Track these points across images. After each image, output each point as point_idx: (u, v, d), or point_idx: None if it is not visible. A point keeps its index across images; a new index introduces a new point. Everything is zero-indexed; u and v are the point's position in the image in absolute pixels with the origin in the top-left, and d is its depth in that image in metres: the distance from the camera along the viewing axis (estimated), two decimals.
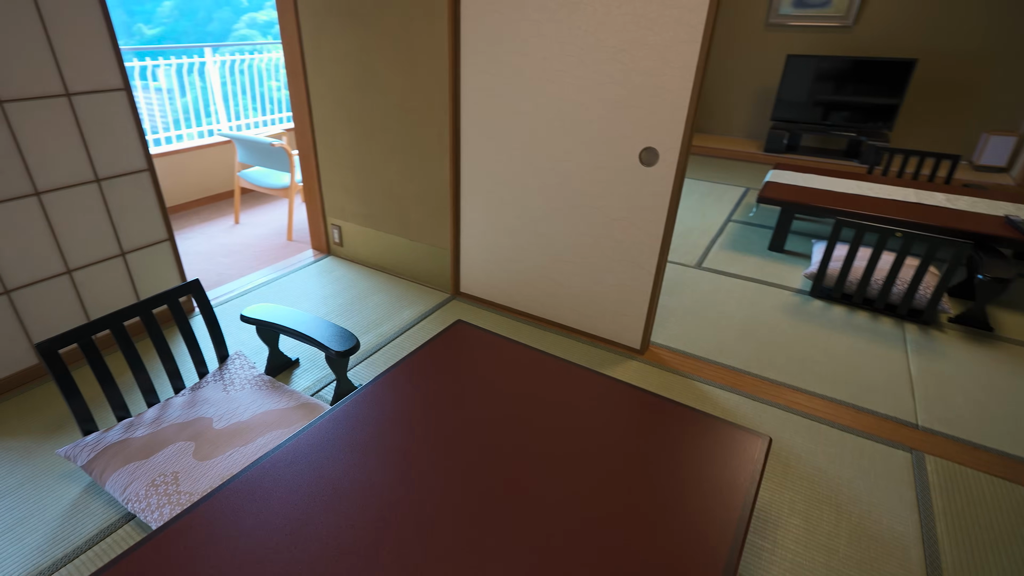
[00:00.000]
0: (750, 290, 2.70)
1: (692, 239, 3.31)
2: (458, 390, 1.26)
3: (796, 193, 3.01)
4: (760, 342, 2.27)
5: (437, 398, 1.23)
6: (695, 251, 3.14)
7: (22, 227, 1.69)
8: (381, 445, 1.08)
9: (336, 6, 2.22)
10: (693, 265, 2.96)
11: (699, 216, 3.70)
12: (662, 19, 1.65)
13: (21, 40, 1.57)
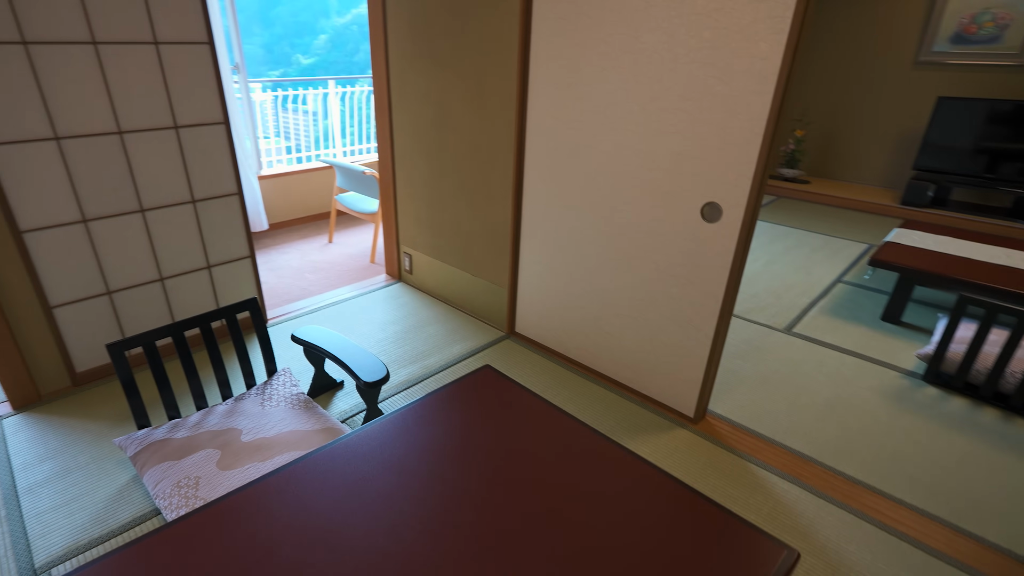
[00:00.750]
0: (847, 365, 2.38)
1: (788, 298, 3.01)
2: (463, 443, 1.23)
3: (919, 258, 2.63)
4: (844, 428, 1.98)
5: (437, 449, 1.21)
6: (787, 312, 2.85)
7: (127, 238, 1.99)
8: (364, 489, 1.09)
9: (420, 49, 2.39)
10: (781, 328, 2.68)
11: (803, 273, 3.36)
12: (731, 69, 1.55)
13: (145, 83, 1.88)
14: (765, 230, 4.13)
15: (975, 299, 2.09)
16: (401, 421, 1.29)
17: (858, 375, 2.32)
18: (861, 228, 4.25)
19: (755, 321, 2.75)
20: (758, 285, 3.17)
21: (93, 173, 1.85)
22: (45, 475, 1.64)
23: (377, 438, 1.23)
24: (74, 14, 1.69)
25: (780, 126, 1.54)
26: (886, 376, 2.31)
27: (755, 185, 1.61)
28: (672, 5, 1.61)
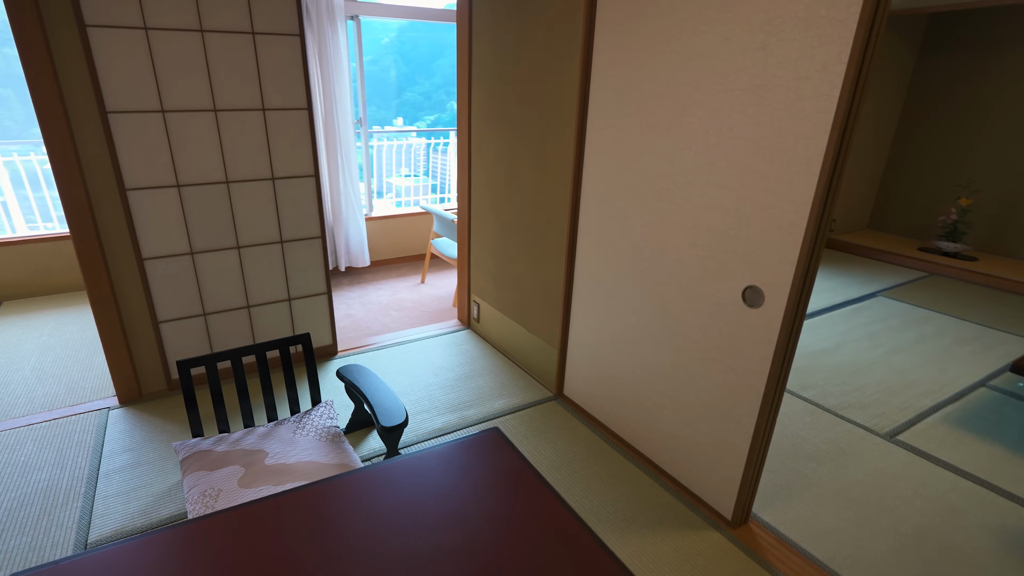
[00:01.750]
0: (960, 491, 1.99)
1: (904, 398, 2.60)
2: (435, 504, 1.26)
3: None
4: (929, 571, 1.65)
5: (407, 506, 1.25)
6: (897, 414, 2.46)
7: (223, 270, 2.38)
8: (324, 532, 1.17)
9: (495, 112, 2.57)
10: (882, 432, 2.33)
11: (935, 368, 2.89)
12: (774, 147, 1.47)
13: (251, 143, 2.28)
14: (899, 311, 3.63)
15: None
16: (388, 472, 1.37)
17: (973, 506, 1.92)
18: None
19: (849, 419, 2.42)
20: (868, 377, 2.78)
21: (202, 214, 2.27)
22: (122, 464, 1.99)
23: (356, 485, 1.32)
24: (203, 87, 2.13)
25: (829, 211, 1.42)
26: (1015, 515, 1.89)
27: (799, 272, 1.47)
28: (718, 80, 1.58)
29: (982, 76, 4.48)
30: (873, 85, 4.69)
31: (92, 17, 1.89)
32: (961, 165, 4.72)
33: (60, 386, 2.47)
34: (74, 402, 2.35)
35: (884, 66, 4.65)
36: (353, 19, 4.00)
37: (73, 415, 2.25)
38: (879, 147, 5.08)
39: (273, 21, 2.19)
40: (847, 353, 3.03)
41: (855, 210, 5.25)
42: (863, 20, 1.24)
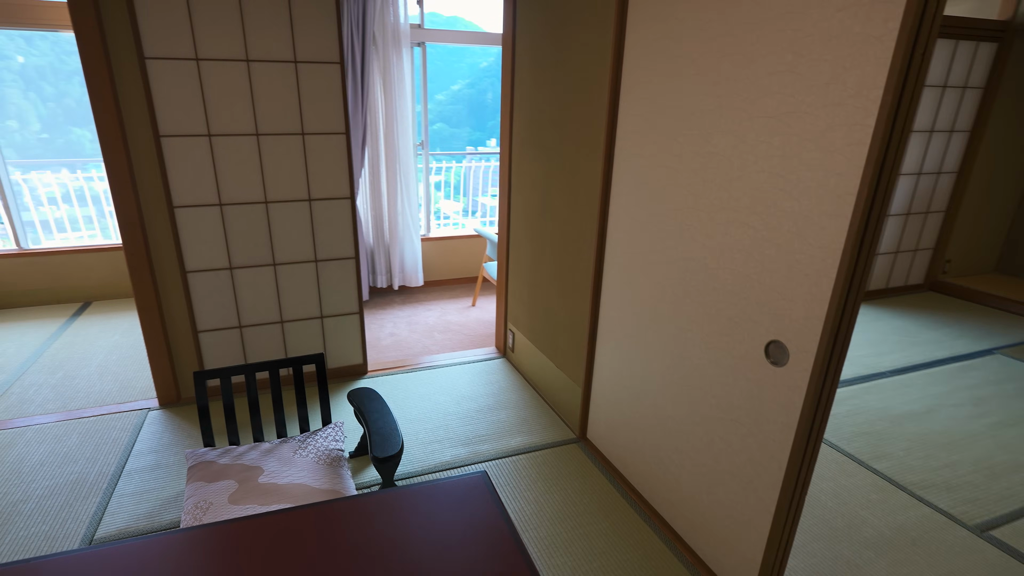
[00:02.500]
0: None
1: (1006, 483, 2.18)
2: (392, 559, 1.20)
3: None
4: None
5: (366, 545, 1.20)
6: (995, 503, 2.06)
7: (260, 286, 2.50)
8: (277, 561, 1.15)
9: (532, 137, 2.52)
10: (971, 524, 1.95)
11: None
12: (802, 182, 1.28)
13: (290, 165, 2.39)
14: (1019, 375, 3.08)
15: None
16: (360, 507, 1.32)
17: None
18: None
19: (928, 501, 2.05)
20: (964, 452, 2.36)
21: (241, 232, 2.40)
22: (145, 464, 2.12)
23: (326, 516, 1.29)
24: (246, 112, 2.27)
25: (866, 260, 1.21)
26: None
27: (828, 329, 1.26)
28: (744, 107, 1.42)
29: None
30: (1016, 108, 4.09)
31: (151, 50, 2.08)
32: None
33: (115, 384, 2.71)
34: (123, 400, 2.56)
35: (1017, 83, 4.05)
36: (420, 46, 4.16)
37: (118, 412, 2.45)
38: (1010, 176, 4.41)
39: (314, 50, 2.29)
40: (941, 420, 2.60)
41: (978, 250, 4.58)
42: (903, 37, 1.05)
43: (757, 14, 1.35)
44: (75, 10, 1.95)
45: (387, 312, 4.07)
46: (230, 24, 2.15)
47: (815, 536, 1.89)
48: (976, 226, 4.46)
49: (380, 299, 4.33)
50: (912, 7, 1.03)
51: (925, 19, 1.04)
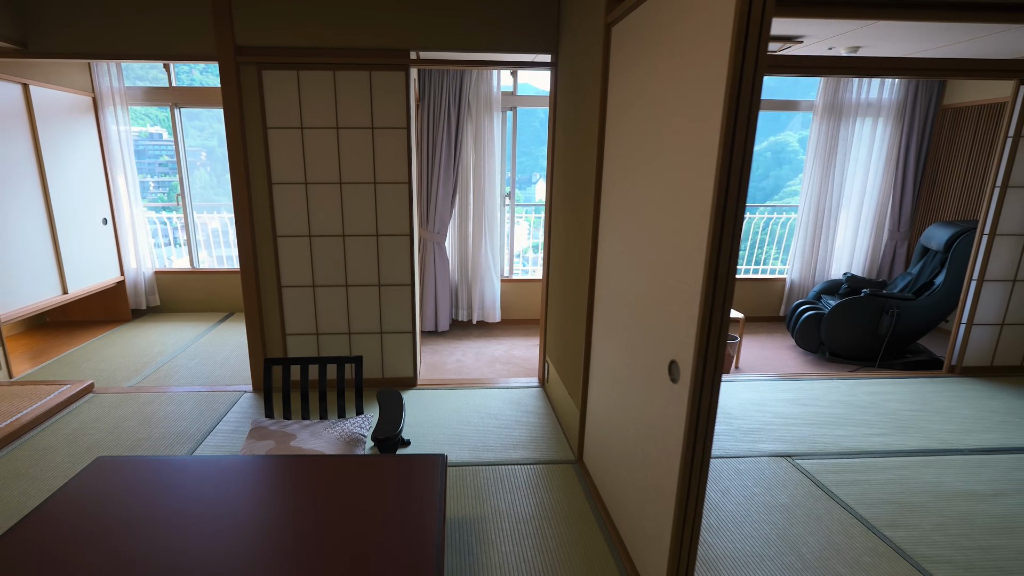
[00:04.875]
0: None
1: None
2: (317, 510, 1.61)
3: None
4: None
5: (297, 500, 1.62)
6: None
7: (334, 302, 3.18)
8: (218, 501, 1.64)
9: (561, 188, 2.92)
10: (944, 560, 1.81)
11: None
12: (682, 221, 1.53)
13: (363, 206, 3.07)
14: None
15: None
16: (339, 463, 1.77)
17: None
18: None
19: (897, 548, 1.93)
20: (1018, 539, 2.13)
21: (324, 258, 3.11)
22: (228, 428, 2.81)
23: (310, 466, 1.77)
24: (333, 166, 3.01)
25: (724, 291, 1.41)
26: None
27: (699, 348, 1.46)
28: (656, 157, 1.70)
29: None
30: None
31: (272, 122, 2.92)
32: None
33: (229, 371, 3.56)
34: (230, 383, 3.37)
35: None
36: (512, 110, 4.82)
37: (223, 391, 3.24)
38: None
39: (387, 119, 2.98)
40: (1005, 505, 2.34)
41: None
42: (725, 121, 1.31)
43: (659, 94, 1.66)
44: (226, 94, 2.85)
45: (460, 342, 4.60)
46: (327, 102, 2.93)
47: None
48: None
49: (458, 331, 4.89)
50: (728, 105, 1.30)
51: (748, 63, 1.29)
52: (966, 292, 3.63)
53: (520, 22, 2.96)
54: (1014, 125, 3.33)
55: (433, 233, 4.56)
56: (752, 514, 2.25)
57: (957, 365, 3.74)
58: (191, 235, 5.07)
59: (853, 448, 2.77)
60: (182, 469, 1.71)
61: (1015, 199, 3.46)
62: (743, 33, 1.24)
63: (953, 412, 3.17)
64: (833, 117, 4.73)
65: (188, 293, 4.98)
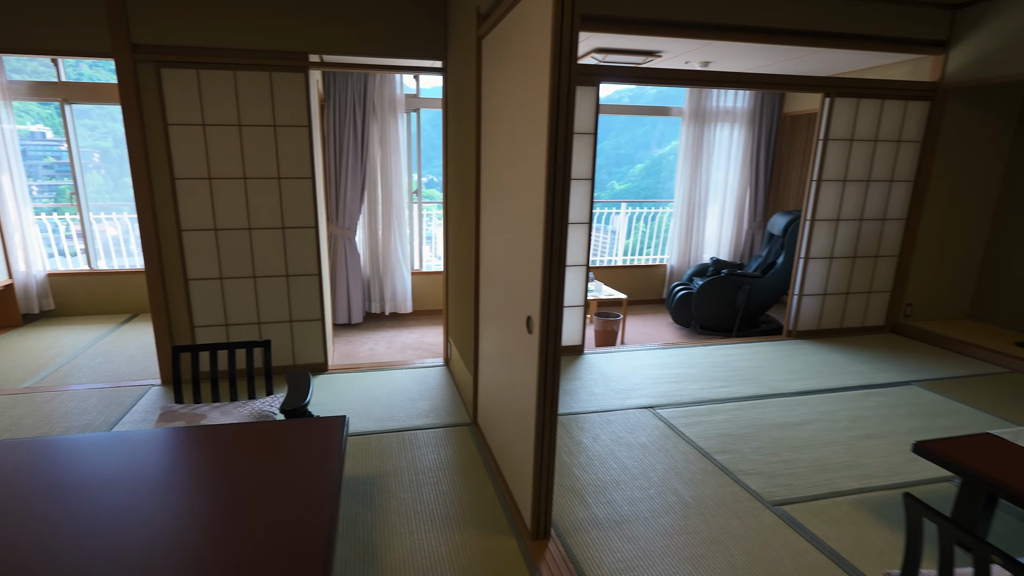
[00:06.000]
0: (810, 563, 1.94)
1: (832, 476, 2.49)
2: (217, 478, 1.79)
3: (1007, 463, 1.95)
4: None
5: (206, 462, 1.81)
6: (803, 489, 2.38)
7: (241, 294, 3.30)
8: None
9: (454, 181, 3.23)
10: (769, 500, 2.30)
11: (903, 456, 2.67)
12: (531, 204, 1.89)
13: (268, 200, 3.22)
14: (923, 402, 3.30)
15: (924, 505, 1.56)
16: (245, 429, 1.95)
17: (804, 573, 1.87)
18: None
19: (743, 484, 2.41)
20: (810, 454, 2.68)
21: (231, 251, 3.23)
22: (136, 419, 2.87)
23: (214, 434, 1.94)
24: (236, 161, 3.14)
25: (558, 254, 1.77)
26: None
27: (543, 303, 1.81)
28: (512, 154, 2.05)
29: None
30: (956, 159, 4.38)
31: (173, 118, 3.01)
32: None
33: (135, 368, 3.57)
34: (137, 378, 3.39)
35: (968, 139, 4.34)
36: (416, 112, 5.07)
37: (129, 386, 3.27)
38: (974, 229, 4.60)
39: (289, 117, 3.16)
40: (807, 431, 2.91)
41: (945, 297, 4.72)
42: (551, 133, 1.66)
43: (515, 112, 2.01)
44: (123, 91, 2.91)
45: (373, 333, 4.79)
46: (228, 100, 3.06)
47: (631, 499, 2.31)
48: (938, 273, 4.64)
49: (372, 322, 5.08)
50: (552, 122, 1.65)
51: (560, 105, 1.65)
52: (796, 269, 4.32)
53: (414, 31, 3.23)
54: (823, 130, 4.03)
55: (343, 229, 4.72)
56: (616, 452, 2.67)
57: (793, 330, 4.44)
58: (88, 238, 4.89)
59: (702, 398, 3.29)
60: (83, 446, 1.73)
61: (827, 191, 4.17)
62: (558, 51, 1.60)
63: (784, 366, 3.81)
64: (698, 122, 5.37)
65: (86, 296, 4.82)
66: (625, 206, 6.27)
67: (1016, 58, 3.58)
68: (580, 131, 3.66)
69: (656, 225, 6.28)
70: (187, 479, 1.56)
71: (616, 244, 6.35)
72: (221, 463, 1.66)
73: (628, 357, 3.98)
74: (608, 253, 6.41)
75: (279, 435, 1.85)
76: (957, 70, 3.95)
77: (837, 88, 3.94)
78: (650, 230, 6.29)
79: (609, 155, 26.74)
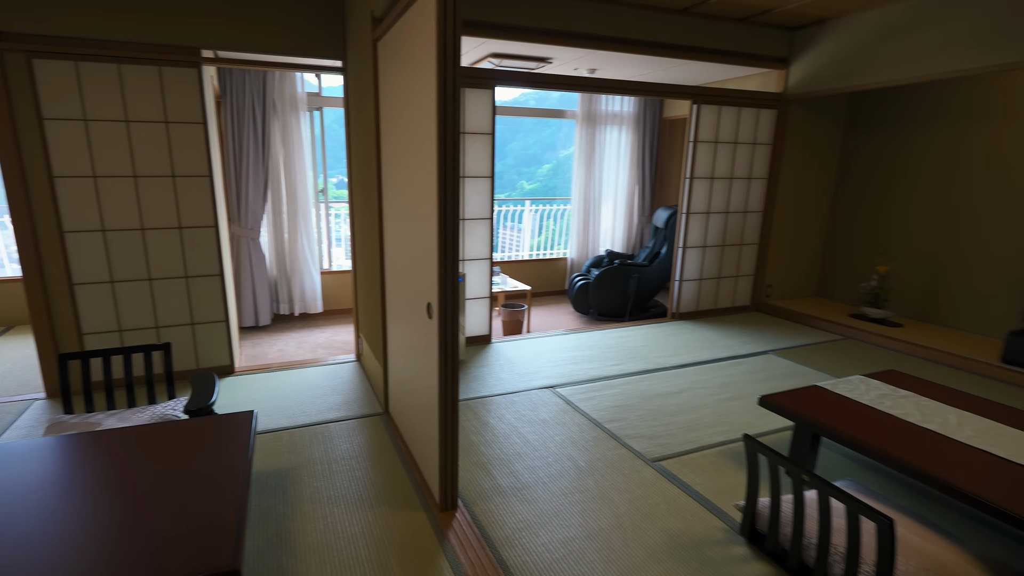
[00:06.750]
0: (680, 505, 2.19)
1: (701, 433, 2.80)
2: (113, 482, 1.72)
3: (823, 407, 2.31)
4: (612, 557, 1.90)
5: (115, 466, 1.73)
6: (678, 446, 2.67)
7: (136, 297, 3.11)
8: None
9: (357, 178, 3.24)
10: (650, 458, 2.56)
11: (763, 415, 3.05)
12: (430, 203, 1.98)
13: (162, 199, 3.06)
14: (778, 367, 3.76)
15: (758, 443, 1.86)
16: (154, 430, 1.87)
17: (689, 523, 2.12)
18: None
19: (630, 446, 2.66)
20: (684, 416, 2.99)
21: (123, 253, 3.03)
22: (17, 435, 2.64)
23: (117, 437, 1.84)
24: (126, 159, 2.96)
25: (451, 246, 1.88)
26: (710, 524, 2.07)
27: (440, 289, 1.91)
28: (408, 150, 2.13)
29: (903, 150, 4.68)
30: (800, 159, 4.98)
31: (49, 112, 2.78)
32: (888, 235, 4.83)
33: (15, 383, 3.24)
34: (18, 394, 3.09)
35: (808, 142, 4.96)
36: (319, 110, 4.95)
37: (9, 402, 2.98)
38: (816, 219, 5.27)
39: (182, 113, 3.01)
40: (683, 398, 3.24)
41: (798, 277, 5.37)
42: (439, 132, 1.77)
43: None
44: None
45: (283, 334, 4.65)
46: (113, 94, 2.87)
47: (531, 467, 2.47)
48: (790, 257, 5.27)
49: (281, 324, 4.92)
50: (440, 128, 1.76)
51: (447, 102, 1.76)
52: (676, 257, 4.75)
53: (313, 30, 3.19)
54: (692, 133, 4.45)
55: (247, 229, 4.53)
56: (519, 429, 2.84)
57: (676, 312, 4.87)
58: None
59: (597, 376, 3.55)
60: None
61: (698, 187, 4.62)
62: (443, 54, 1.71)
63: (667, 344, 4.18)
64: (590, 125, 5.70)
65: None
66: (529, 203, 6.50)
67: (839, 74, 4.17)
68: (478, 131, 3.79)
69: (561, 221, 6.58)
70: (83, 484, 1.48)
71: (522, 240, 6.57)
72: (122, 465, 1.59)
73: (532, 344, 4.18)
74: (515, 249, 6.62)
75: (184, 434, 1.82)
76: (796, 83, 4.52)
77: (702, 96, 4.37)
78: (557, 227, 6.57)
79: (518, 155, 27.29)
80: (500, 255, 6.39)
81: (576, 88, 4.00)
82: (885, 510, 1.81)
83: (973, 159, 4.21)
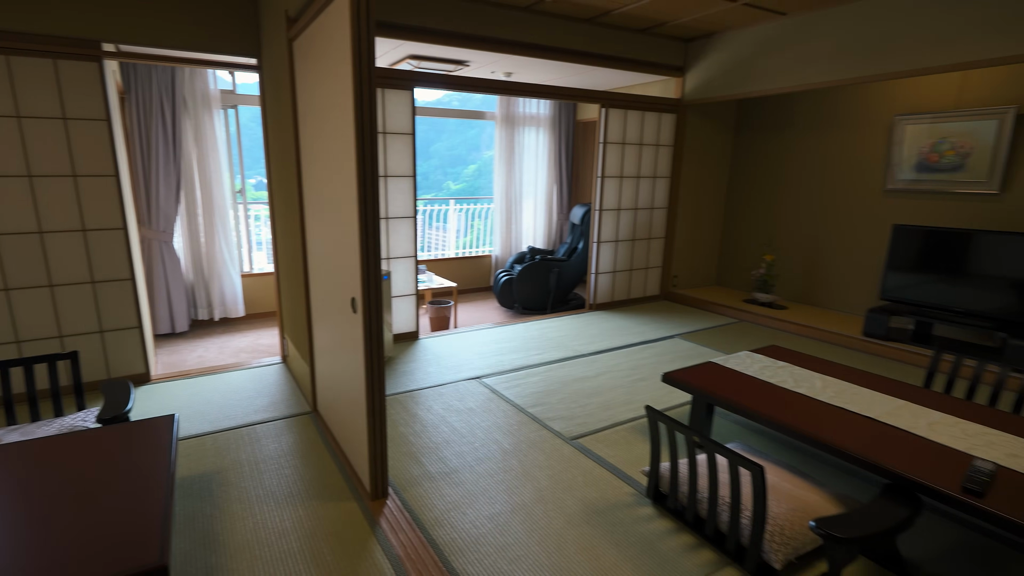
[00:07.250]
0: (595, 476, 2.35)
1: (615, 412, 3.00)
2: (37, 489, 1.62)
3: (716, 380, 2.55)
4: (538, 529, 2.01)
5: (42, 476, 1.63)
6: (593, 425, 2.85)
7: (35, 305, 2.87)
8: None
9: (277, 176, 3.17)
10: (569, 437, 2.72)
11: (672, 393, 3.30)
12: (350, 205, 2.01)
13: (62, 200, 2.85)
14: (682, 349, 4.07)
15: (658, 412, 2.06)
16: (74, 439, 1.74)
17: (601, 491, 2.28)
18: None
19: (551, 427, 2.81)
20: (599, 398, 3.19)
21: (17, 257, 2.79)
22: None
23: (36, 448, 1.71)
24: (19, 158, 2.72)
25: (373, 242, 1.92)
26: (620, 489, 2.25)
27: (364, 284, 1.95)
28: (326, 148, 2.14)
29: (782, 152, 5.18)
30: (698, 160, 5.38)
31: None
32: (773, 227, 5.33)
33: None
34: None
35: (705, 144, 5.36)
36: (234, 108, 4.74)
37: None
38: (714, 214, 5.71)
39: (83, 110, 2.81)
40: (601, 381, 3.45)
41: (700, 268, 5.80)
42: (357, 129, 1.81)
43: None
44: None
45: (202, 340, 4.43)
46: (1, 87, 2.63)
47: (459, 453, 2.56)
48: (693, 250, 5.68)
49: (200, 329, 4.68)
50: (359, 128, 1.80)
51: (364, 100, 1.81)
52: (591, 252, 4.99)
53: (224, 26, 3.08)
54: (602, 135, 4.70)
55: (158, 232, 4.27)
56: (447, 418, 2.91)
57: (593, 303, 5.12)
58: None
59: (521, 365, 3.69)
60: None
61: (609, 186, 4.89)
62: (358, 54, 1.75)
63: (585, 333, 4.41)
64: (509, 126, 5.84)
65: None
66: (454, 203, 6.55)
67: (726, 83, 4.56)
68: (399, 131, 3.81)
69: (486, 220, 6.68)
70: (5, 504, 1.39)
71: (448, 239, 6.62)
72: (28, 480, 1.50)
73: (459, 338, 4.26)
74: (442, 248, 6.65)
75: (98, 442, 1.75)
76: (691, 90, 4.89)
77: (609, 101, 4.63)
78: (483, 225, 6.67)
79: (444, 156, 27.11)
80: (427, 254, 6.41)
81: (493, 91, 4.11)
82: (761, 462, 2.06)
83: (835, 159, 4.75)
